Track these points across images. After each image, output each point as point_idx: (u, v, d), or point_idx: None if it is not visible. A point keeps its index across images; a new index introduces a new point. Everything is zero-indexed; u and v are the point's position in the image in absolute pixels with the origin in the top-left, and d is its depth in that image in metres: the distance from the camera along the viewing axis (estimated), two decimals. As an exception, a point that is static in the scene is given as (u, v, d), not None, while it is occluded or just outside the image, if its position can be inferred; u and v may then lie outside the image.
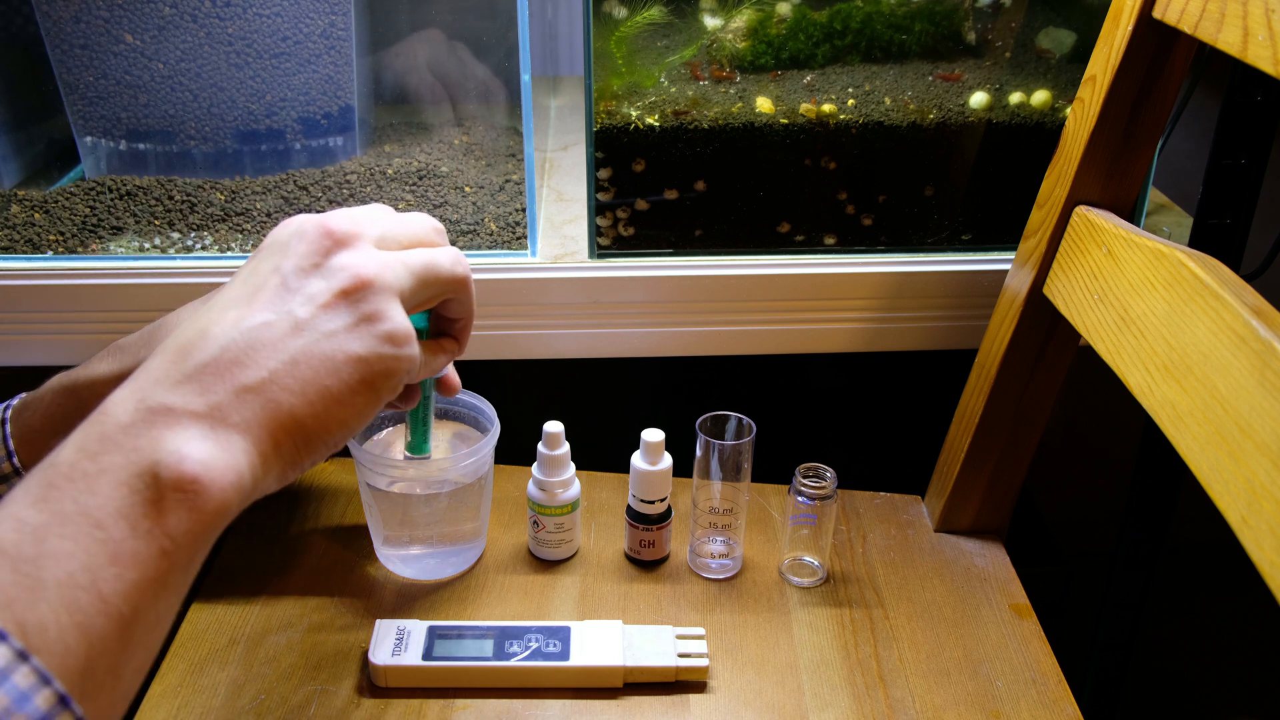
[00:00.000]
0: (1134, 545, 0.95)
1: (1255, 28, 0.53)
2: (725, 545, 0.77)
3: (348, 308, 0.47)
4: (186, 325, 0.47)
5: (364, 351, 0.47)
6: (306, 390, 0.46)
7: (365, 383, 0.47)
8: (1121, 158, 0.68)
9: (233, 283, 0.49)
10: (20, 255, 0.80)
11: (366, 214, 0.51)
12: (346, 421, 0.47)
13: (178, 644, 0.69)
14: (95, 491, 0.40)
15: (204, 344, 0.45)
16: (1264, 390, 0.49)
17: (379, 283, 0.48)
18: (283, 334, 0.46)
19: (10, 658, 0.36)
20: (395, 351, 0.48)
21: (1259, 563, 0.48)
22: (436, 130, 0.91)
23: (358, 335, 0.47)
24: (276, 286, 0.47)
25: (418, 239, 0.53)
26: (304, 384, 0.46)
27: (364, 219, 0.51)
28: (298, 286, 0.47)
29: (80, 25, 0.78)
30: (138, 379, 0.44)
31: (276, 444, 0.45)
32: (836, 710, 0.66)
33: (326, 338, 0.46)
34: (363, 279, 0.48)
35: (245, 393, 0.44)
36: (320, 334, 0.46)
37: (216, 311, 0.47)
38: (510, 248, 0.82)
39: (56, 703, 0.36)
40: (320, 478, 0.85)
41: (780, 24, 0.80)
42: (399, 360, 0.48)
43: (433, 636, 0.67)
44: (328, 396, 0.46)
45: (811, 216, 0.83)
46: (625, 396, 1.04)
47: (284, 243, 0.49)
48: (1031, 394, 0.75)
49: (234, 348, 0.45)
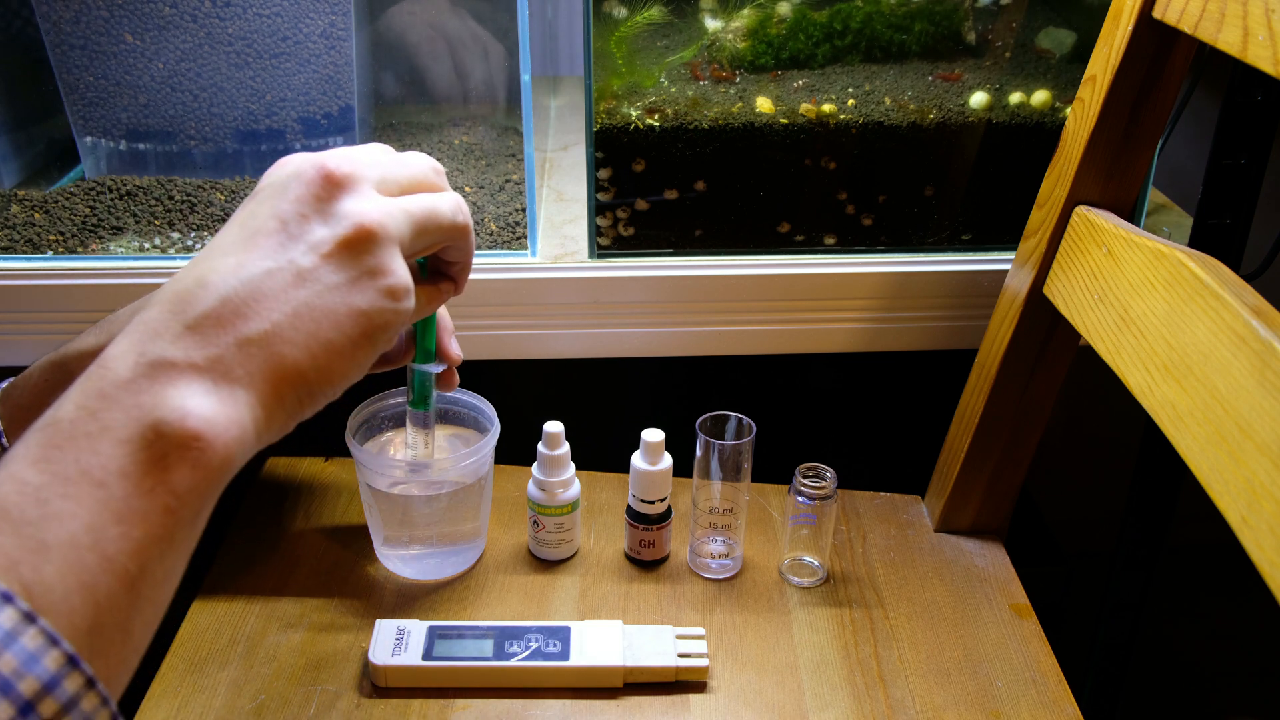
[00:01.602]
0: (1134, 545, 0.95)
1: (1255, 28, 0.53)
2: (725, 545, 0.77)
3: (351, 259, 0.46)
4: (183, 273, 0.45)
5: (366, 306, 0.46)
6: (310, 343, 0.45)
7: (365, 335, 0.47)
8: (1121, 158, 0.68)
9: (229, 226, 0.48)
10: (20, 255, 0.80)
11: (365, 154, 0.50)
12: (347, 373, 0.47)
13: (178, 644, 0.69)
14: (97, 451, 0.40)
15: (203, 293, 0.44)
16: (1264, 390, 0.49)
17: (382, 233, 0.47)
18: (285, 284, 0.45)
19: (17, 620, 0.36)
20: (395, 306, 0.47)
21: (1259, 563, 0.48)
22: (436, 130, 0.91)
23: (360, 289, 0.46)
24: (276, 231, 0.46)
25: (417, 181, 0.51)
26: (307, 336, 0.45)
27: (363, 160, 0.49)
28: (299, 233, 0.46)
29: (80, 25, 0.78)
30: (136, 330, 0.43)
31: (279, 395, 0.45)
32: (836, 710, 0.66)
33: (330, 290, 0.45)
34: (366, 228, 0.46)
35: (248, 344, 0.43)
36: (324, 286, 0.45)
37: (215, 258, 0.45)
38: (510, 248, 0.82)
39: (65, 663, 0.36)
40: (320, 478, 0.85)
41: (780, 24, 0.80)
42: (398, 314, 0.48)
43: (433, 636, 0.67)
44: (330, 349, 0.46)
45: (811, 216, 0.83)
46: (625, 396, 1.04)
47: (282, 184, 0.47)
48: (1031, 394, 0.75)
49: (235, 298, 0.44)
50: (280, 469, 0.86)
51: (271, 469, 0.86)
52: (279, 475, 0.85)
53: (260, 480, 0.85)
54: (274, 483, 0.85)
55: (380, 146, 0.52)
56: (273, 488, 0.84)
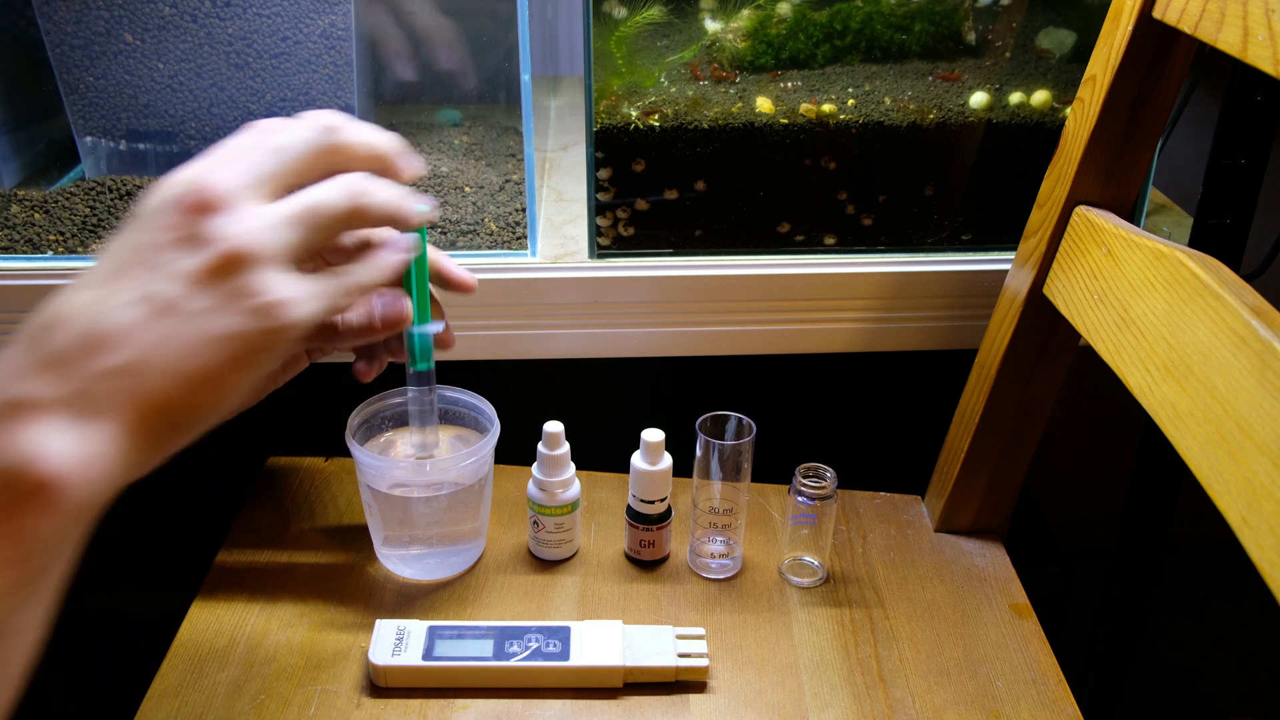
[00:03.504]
0: (1134, 545, 0.95)
1: (1255, 28, 0.53)
2: (725, 545, 0.77)
3: (218, 283, 0.44)
4: (42, 311, 0.43)
5: (235, 330, 0.44)
6: (175, 372, 0.43)
7: (237, 360, 0.45)
8: (1121, 158, 0.68)
9: (98, 261, 0.45)
10: (20, 255, 0.80)
11: (241, 158, 0.47)
12: (222, 399, 0.45)
13: (178, 644, 0.69)
14: None
15: (60, 330, 0.42)
16: (1264, 390, 0.49)
17: (251, 253, 0.45)
18: (148, 315, 0.43)
19: None
20: (271, 325, 0.45)
21: (1259, 563, 0.48)
22: (436, 130, 0.91)
23: (229, 313, 0.44)
24: (140, 264, 0.44)
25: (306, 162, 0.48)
26: (172, 365, 0.43)
27: (237, 168, 0.46)
28: (163, 263, 0.44)
29: (80, 25, 0.78)
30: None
31: (148, 426, 0.43)
32: (836, 710, 0.66)
33: (196, 317, 0.43)
34: (232, 253, 0.44)
35: (110, 376, 0.42)
36: (189, 313, 0.43)
37: (74, 294, 0.43)
38: (510, 248, 0.82)
39: None
40: (320, 477, 0.85)
41: (780, 24, 0.80)
42: (275, 333, 0.45)
43: (433, 636, 0.67)
44: (200, 377, 0.44)
45: (811, 216, 0.83)
46: (625, 396, 1.04)
47: (149, 215, 0.45)
48: (1031, 394, 0.75)
49: (94, 332, 0.42)
50: (280, 469, 0.86)
51: (271, 469, 0.86)
52: (279, 475, 0.85)
53: (260, 480, 0.85)
54: (274, 483, 0.85)
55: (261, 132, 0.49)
56: (273, 488, 0.84)
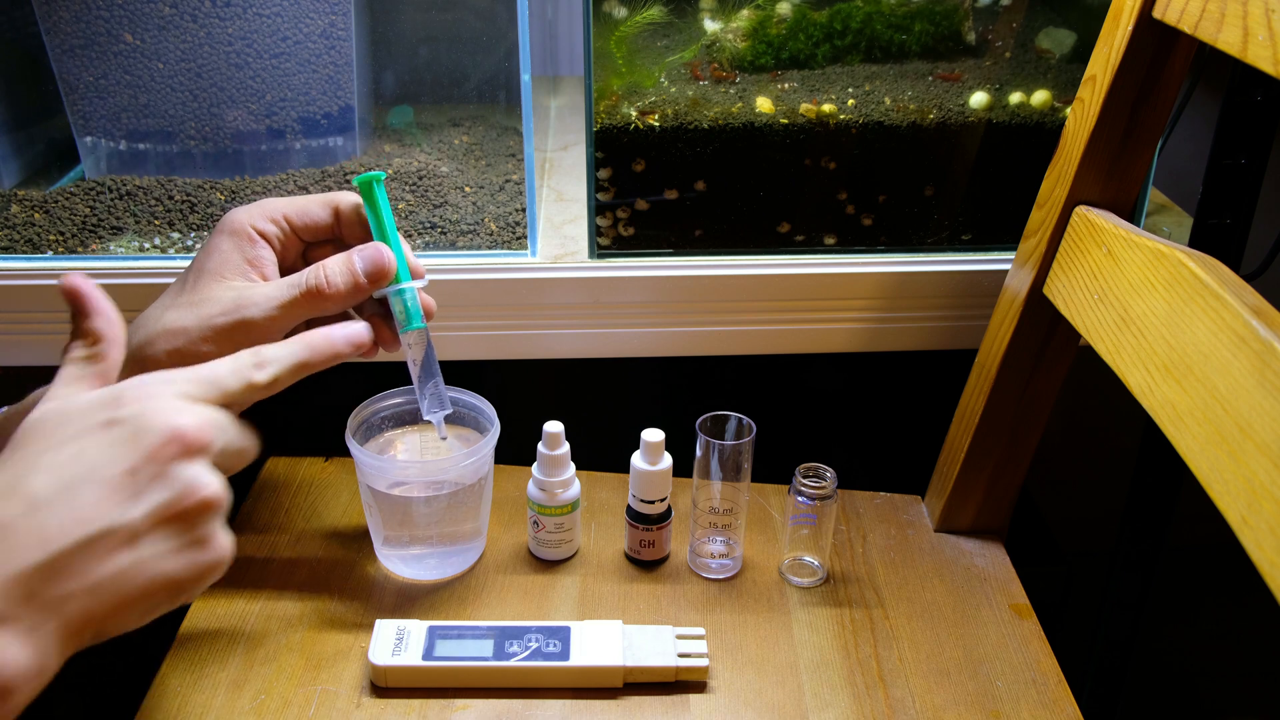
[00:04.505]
0: (1134, 545, 0.95)
1: (1255, 28, 0.53)
2: (725, 545, 0.77)
3: (182, 529, 0.47)
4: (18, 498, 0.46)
5: (182, 575, 0.48)
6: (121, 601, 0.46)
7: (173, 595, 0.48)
8: (1121, 158, 0.68)
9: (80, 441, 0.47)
10: (20, 255, 0.80)
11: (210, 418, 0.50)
12: (141, 622, 0.48)
13: (178, 644, 0.69)
14: None
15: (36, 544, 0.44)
16: (1264, 390, 0.49)
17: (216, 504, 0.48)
18: (116, 545, 0.46)
19: None
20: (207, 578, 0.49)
21: (1259, 563, 0.48)
22: (436, 130, 0.91)
23: (183, 557, 0.48)
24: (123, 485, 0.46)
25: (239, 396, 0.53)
26: (120, 597, 0.46)
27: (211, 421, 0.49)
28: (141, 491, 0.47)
29: (80, 25, 0.78)
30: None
31: (79, 639, 0.46)
32: (836, 710, 0.66)
33: (154, 559, 0.47)
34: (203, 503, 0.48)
35: (66, 601, 0.45)
36: (149, 554, 0.47)
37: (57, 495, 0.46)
38: (510, 248, 0.82)
39: None
40: (320, 477, 0.85)
41: (780, 24, 0.80)
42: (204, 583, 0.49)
43: (433, 636, 0.67)
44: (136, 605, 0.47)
45: (811, 216, 0.83)
46: (625, 396, 1.04)
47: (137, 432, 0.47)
48: (1031, 394, 0.75)
49: (66, 555, 0.45)
50: (280, 469, 0.86)
51: (271, 469, 0.86)
52: (279, 475, 0.85)
53: (260, 480, 0.85)
54: (274, 483, 0.85)
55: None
56: (273, 488, 0.84)
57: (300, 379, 0.57)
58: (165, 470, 0.47)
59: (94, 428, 0.48)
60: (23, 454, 0.47)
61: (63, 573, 0.45)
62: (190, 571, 0.48)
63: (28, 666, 0.43)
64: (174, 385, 0.50)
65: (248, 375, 0.53)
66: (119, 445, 0.47)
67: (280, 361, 0.55)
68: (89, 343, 0.53)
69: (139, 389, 0.49)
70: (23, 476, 0.46)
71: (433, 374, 0.67)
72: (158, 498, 0.47)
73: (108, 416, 0.48)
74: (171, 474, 0.47)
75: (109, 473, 0.46)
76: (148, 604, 0.47)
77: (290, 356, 0.56)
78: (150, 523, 0.46)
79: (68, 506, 0.45)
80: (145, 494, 0.47)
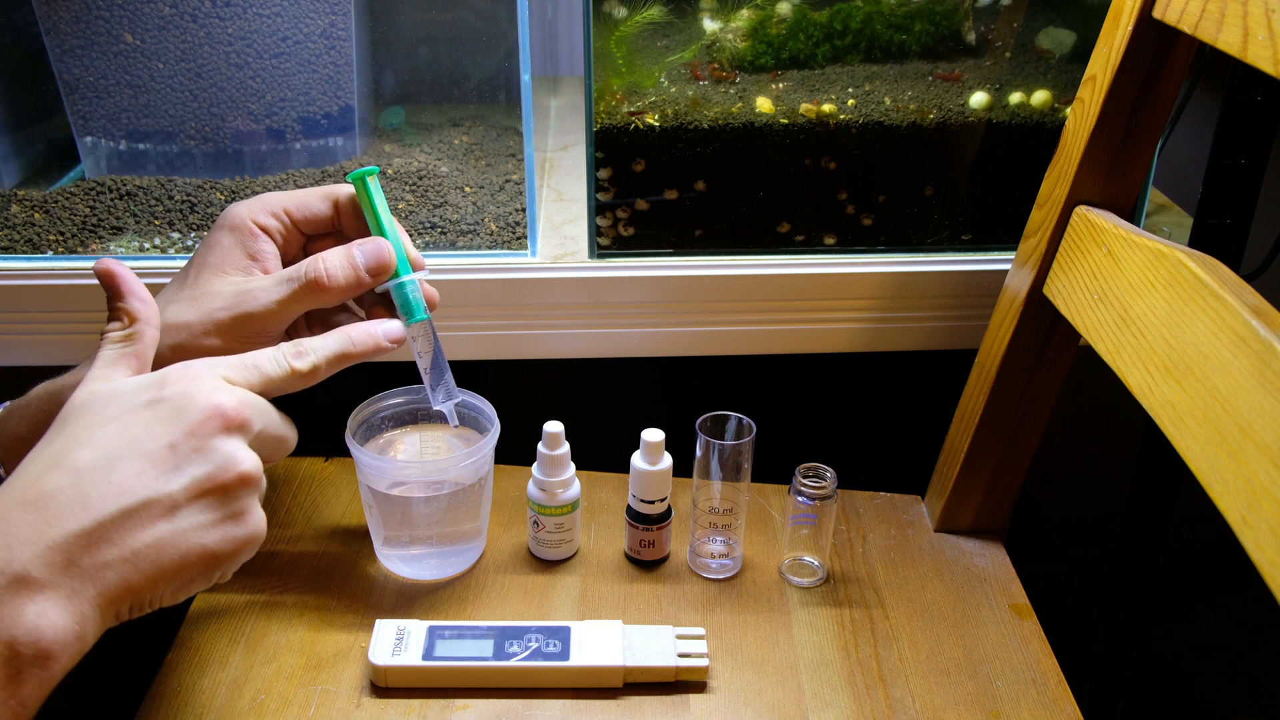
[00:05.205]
0: (1134, 545, 0.95)
1: (1255, 28, 0.53)
2: (725, 545, 0.77)
3: (220, 503, 0.49)
4: (63, 469, 0.47)
5: (218, 548, 0.49)
6: (158, 573, 0.47)
7: (206, 572, 0.49)
8: (1121, 158, 0.68)
9: (124, 419, 0.49)
10: (20, 255, 0.80)
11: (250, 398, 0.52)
12: (177, 597, 0.49)
13: (178, 644, 0.69)
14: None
15: (79, 510, 0.46)
16: (1264, 390, 0.49)
17: (255, 479, 0.50)
18: (156, 515, 0.47)
19: None
20: (243, 551, 0.50)
21: (1259, 563, 0.48)
22: (436, 130, 0.91)
23: (220, 530, 0.49)
24: (164, 458, 0.48)
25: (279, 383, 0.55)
26: (158, 568, 0.47)
27: (251, 402, 0.51)
28: (181, 464, 0.48)
29: (80, 25, 0.78)
30: (2, 532, 0.45)
31: (116, 610, 0.47)
32: (836, 710, 0.66)
33: (193, 530, 0.48)
34: (244, 475, 0.49)
35: (106, 569, 0.46)
36: (188, 525, 0.48)
37: (100, 466, 0.47)
38: (510, 248, 0.82)
39: None
40: (320, 477, 0.85)
41: (780, 24, 0.80)
42: (240, 557, 0.50)
43: (433, 636, 0.67)
44: (172, 577, 0.48)
45: (811, 216, 0.83)
46: (625, 396, 1.04)
47: (179, 408, 0.49)
48: (1031, 394, 0.75)
49: (108, 522, 0.46)
50: (280, 469, 0.86)
51: (272, 469, 0.86)
52: (279, 475, 0.85)
53: (260, 480, 0.85)
54: (274, 482, 0.85)
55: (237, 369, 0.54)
56: (273, 487, 0.84)
57: (339, 370, 0.58)
58: (205, 444, 0.48)
59: (139, 406, 0.49)
60: (70, 430, 0.49)
61: (103, 541, 0.46)
62: (226, 545, 0.49)
63: (67, 633, 0.44)
64: (217, 369, 0.52)
65: (289, 362, 0.55)
66: (161, 421, 0.49)
67: (319, 351, 0.57)
68: (124, 324, 0.55)
69: (184, 371, 0.51)
70: (68, 450, 0.48)
71: (440, 364, 0.67)
72: (197, 470, 0.48)
73: (152, 396, 0.50)
74: (211, 448, 0.49)
75: (151, 446, 0.48)
76: (184, 576, 0.48)
77: (331, 347, 0.58)
78: (189, 495, 0.48)
79: (110, 477, 0.47)
80: (185, 466, 0.48)
